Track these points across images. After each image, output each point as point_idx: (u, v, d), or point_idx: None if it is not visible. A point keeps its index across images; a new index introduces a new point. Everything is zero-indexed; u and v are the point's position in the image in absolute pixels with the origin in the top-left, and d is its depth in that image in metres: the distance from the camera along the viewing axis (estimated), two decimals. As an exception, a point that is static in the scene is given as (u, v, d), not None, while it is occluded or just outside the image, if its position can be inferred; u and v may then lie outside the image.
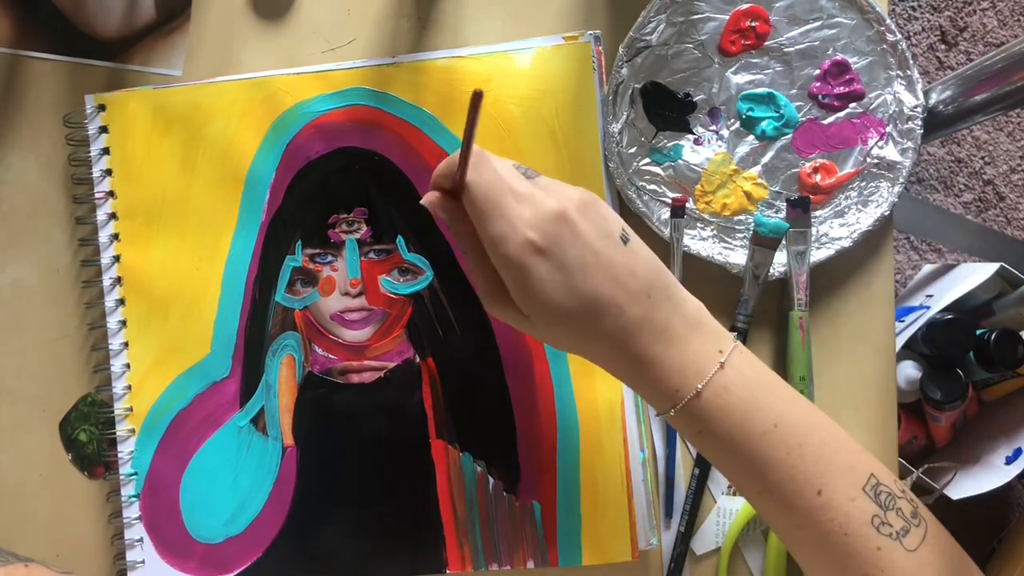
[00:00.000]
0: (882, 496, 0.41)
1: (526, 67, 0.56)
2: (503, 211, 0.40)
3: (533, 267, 0.40)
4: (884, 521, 0.40)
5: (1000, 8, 1.35)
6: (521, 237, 0.40)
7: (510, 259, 0.40)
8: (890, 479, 0.42)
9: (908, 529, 0.40)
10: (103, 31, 0.59)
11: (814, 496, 0.40)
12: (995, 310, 1.12)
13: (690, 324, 0.42)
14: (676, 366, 0.41)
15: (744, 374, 0.42)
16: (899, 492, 0.41)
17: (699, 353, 0.42)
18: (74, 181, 0.58)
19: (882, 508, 0.40)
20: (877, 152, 0.56)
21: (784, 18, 0.55)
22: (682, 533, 0.55)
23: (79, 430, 0.58)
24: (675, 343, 0.42)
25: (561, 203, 0.41)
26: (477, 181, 0.41)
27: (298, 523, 0.56)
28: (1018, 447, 1.06)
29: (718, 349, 0.42)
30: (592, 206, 0.42)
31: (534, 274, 0.40)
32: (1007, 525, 1.26)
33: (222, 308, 0.56)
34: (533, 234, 0.40)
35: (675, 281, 0.43)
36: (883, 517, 0.40)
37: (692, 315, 0.43)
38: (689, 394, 0.41)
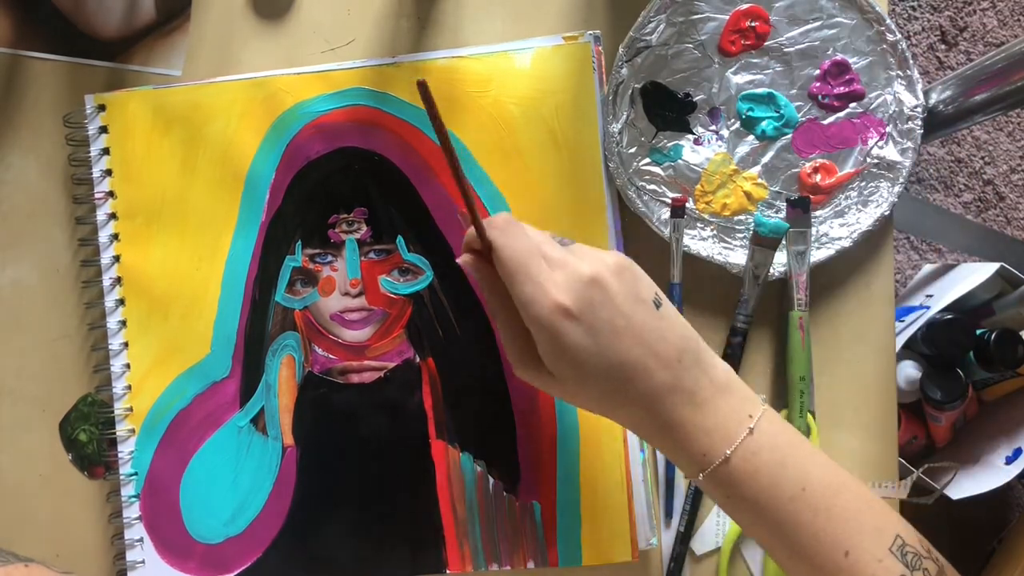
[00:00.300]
0: (908, 556, 0.41)
1: (526, 67, 0.56)
2: (533, 275, 0.41)
3: (564, 330, 0.40)
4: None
5: (1000, 8, 1.35)
6: (552, 301, 0.40)
7: (541, 321, 0.41)
8: (915, 539, 0.42)
9: None
10: (103, 31, 0.59)
11: (841, 558, 0.41)
12: (995, 310, 1.12)
13: (719, 388, 0.42)
14: (704, 430, 0.42)
15: (772, 439, 0.42)
16: (924, 552, 0.42)
17: (728, 418, 0.42)
18: (74, 181, 0.58)
19: (908, 568, 0.41)
20: (877, 152, 0.56)
21: (784, 18, 0.55)
22: (682, 533, 0.55)
23: (79, 430, 0.58)
24: (704, 407, 0.42)
25: (594, 268, 0.41)
26: (506, 244, 0.42)
27: (298, 523, 0.56)
28: (1018, 447, 1.06)
29: (747, 414, 0.42)
30: (627, 270, 0.42)
31: (565, 338, 0.41)
32: (1007, 525, 1.26)
33: (222, 308, 0.56)
34: (565, 298, 0.40)
35: (705, 346, 0.43)
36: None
37: (721, 379, 0.43)
38: (718, 459, 0.41)
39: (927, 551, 0.42)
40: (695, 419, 0.42)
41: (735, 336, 0.55)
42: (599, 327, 0.41)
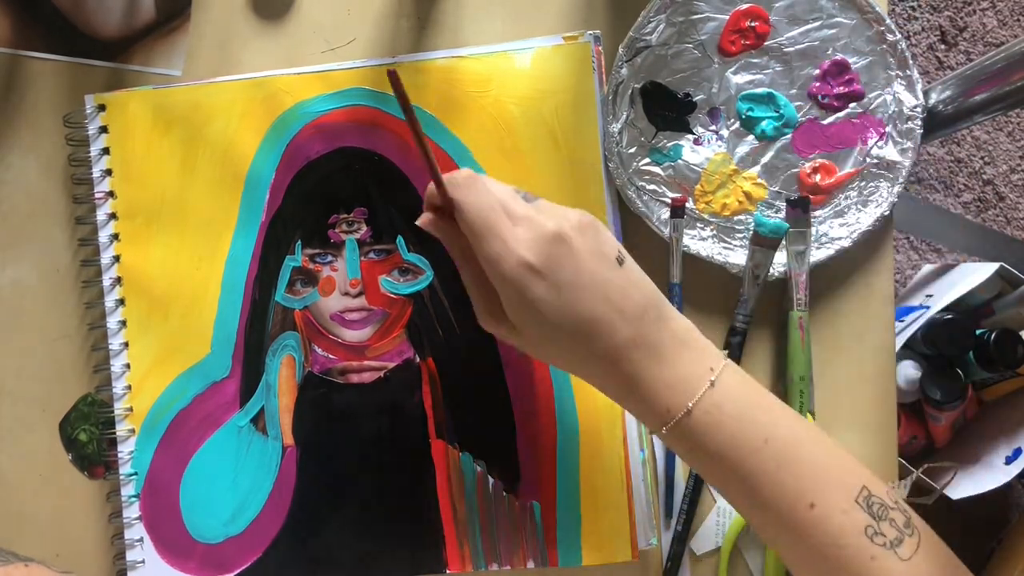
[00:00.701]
0: (875, 507, 0.41)
1: (526, 67, 0.56)
2: (498, 231, 0.41)
3: (529, 286, 0.41)
4: (877, 531, 0.41)
5: (1000, 8, 1.35)
6: (516, 257, 0.41)
7: (506, 277, 0.41)
8: (882, 490, 0.42)
9: (902, 539, 0.41)
10: (103, 31, 0.59)
11: (806, 509, 0.41)
12: (995, 310, 1.12)
13: (680, 342, 0.43)
14: (666, 384, 0.42)
15: (734, 391, 0.43)
16: (892, 503, 0.42)
17: (689, 371, 0.42)
18: (74, 181, 0.58)
19: (875, 519, 0.41)
20: (877, 152, 0.56)
21: (784, 18, 0.55)
22: (679, 533, 0.55)
23: (79, 430, 0.58)
24: (666, 362, 0.42)
25: (559, 224, 0.41)
26: (468, 201, 0.42)
27: (298, 523, 0.56)
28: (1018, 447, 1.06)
29: (708, 367, 0.43)
30: (590, 227, 0.42)
31: (529, 293, 0.41)
32: (1007, 525, 1.26)
33: (222, 308, 0.56)
34: (529, 254, 0.41)
35: (666, 301, 0.44)
36: (876, 527, 0.41)
37: (682, 334, 0.43)
38: (680, 412, 0.42)
39: (895, 502, 0.42)
40: (658, 373, 0.42)
41: (734, 336, 0.55)
42: (563, 283, 0.41)
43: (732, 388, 0.43)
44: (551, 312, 0.41)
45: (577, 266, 0.41)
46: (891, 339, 0.57)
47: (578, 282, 0.41)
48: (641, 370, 0.42)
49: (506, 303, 0.42)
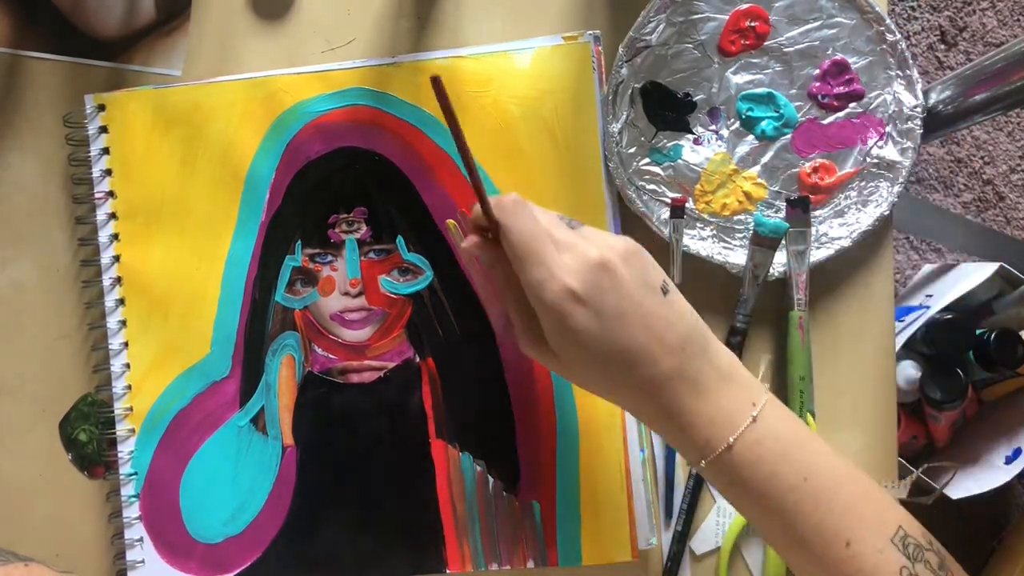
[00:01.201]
0: (910, 547, 0.41)
1: (526, 67, 0.56)
2: (542, 257, 0.41)
3: (571, 314, 0.40)
4: (912, 572, 0.40)
5: (1000, 8, 1.35)
6: (560, 284, 0.40)
7: (547, 304, 0.41)
8: (918, 531, 0.42)
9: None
10: (103, 31, 0.59)
11: (842, 548, 0.41)
12: (995, 310, 1.12)
13: (722, 376, 0.42)
14: (707, 418, 0.42)
15: (775, 428, 0.42)
16: (927, 544, 0.42)
17: (731, 406, 0.42)
18: (74, 181, 0.58)
19: (910, 559, 0.41)
20: (877, 152, 0.56)
21: (784, 18, 0.55)
22: (679, 532, 0.55)
23: (79, 430, 0.58)
24: (707, 395, 0.42)
25: (603, 252, 0.41)
26: (513, 226, 0.41)
27: (298, 523, 0.56)
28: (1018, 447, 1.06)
29: (751, 402, 0.42)
30: (635, 256, 0.42)
31: (571, 321, 0.40)
32: (1007, 525, 1.26)
33: (222, 308, 0.56)
34: (573, 282, 0.40)
35: (710, 333, 0.43)
36: (912, 569, 0.40)
37: (725, 368, 0.43)
38: (720, 447, 0.41)
39: (929, 543, 0.42)
40: (698, 407, 0.42)
41: (734, 336, 0.55)
42: (606, 311, 0.41)
43: (773, 425, 0.42)
44: (592, 341, 0.41)
45: (621, 295, 0.41)
46: (891, 339, 0.57)
47: (621, 311, 0.41)
48: (681, 402, 0.42)
49: (547, 329, 0.42)
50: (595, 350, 0.41)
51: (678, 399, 0.42)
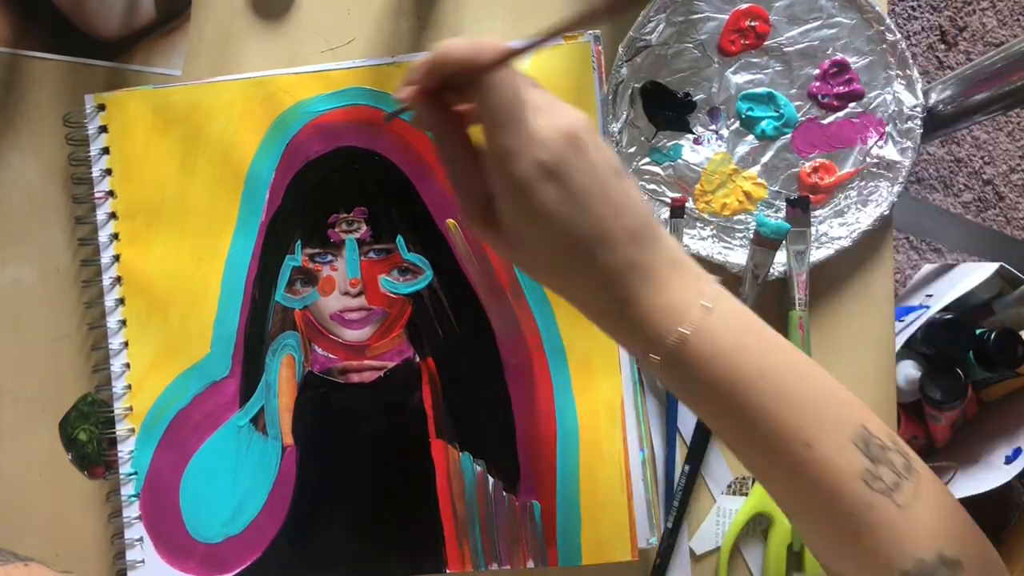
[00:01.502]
0: (872, 448, 0.39)
1: (526, 67, 0.56)
2: (521, 123, 0.36)
3: (539, 190, 0.37)
4: (875, 476, 0.39)
5: (1000, 8, 1.35)
6: (533, 155, 0.36)
7: (517, 178, 0.37)
8: (882, 430, 0.40)
9: (899, 483, 0.39)
10: (103, 31, 0.59)
11: (802, 449, 0.39)
12: (995, 310, 1.12)
13: (673, 265, 0.40)
14: (661, 308, 0.39)
15: (729, 320, 0.40)
16: (891, 443, 0.40)
17: (681, 296, 0.39)
18: (74, 181, 0.58)
19: (873, 461, 0.39)
20: (877, 152, 0.56)
21: (784, 18, 0.55)
22: (669, 530, 0.55)
23: (79, 429, 0.58)
24: (660, 285, 0.39)
25: (571, 122, 0.37)
26: (502, 81, 0.36)
27: (298, 523, 0.56)
28: (1018, 447, 1.06)
29: (702, 292, 0.40)
30: (596, 133, 0.39)
31: (538, 197, 0.37)
32: (1007, 525, 1.26)
33: (222, 308, 0.56)
34: (545, 154, 0.36)
35: (658, 221, 0.41)
36: (874, 471, 0.39)
37: (675, 256, 0.40)
38: (671, 339, 0.39)
39: (893, 442, 0.40)
40: (651, 297, 0.39)
41: (716, 280, 0.55)
42: (575, 190, 0.37)
43: (728, 315, 0.40)
44: (557, 222, 0.37)
45: (587, 173, 0.37)
46: (891, 339, 0.57)
47: (587, 191, 0.37)
48: (635, 292, 0.39)
49: (508, 205, 0.38)
50: (557, 232, 0.37)
51: (632, 289, 0.39)
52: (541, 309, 0.55)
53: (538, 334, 0.55)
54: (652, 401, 0.56)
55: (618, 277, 0.39)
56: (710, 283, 0.40)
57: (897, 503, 0.39)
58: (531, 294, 0.55)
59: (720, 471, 0.56)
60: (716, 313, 0.39)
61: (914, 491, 0.39)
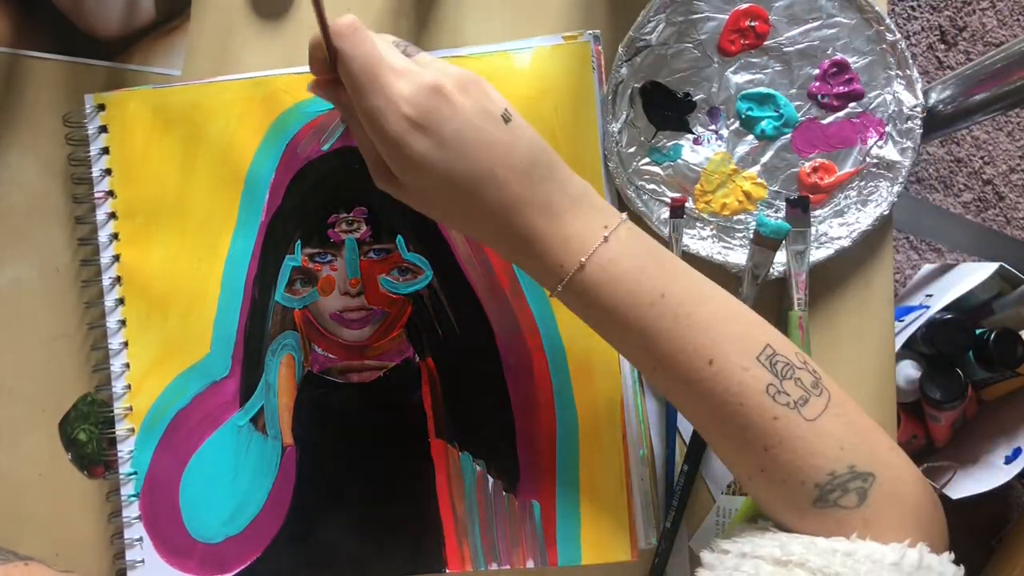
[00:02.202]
0: (778, 366, 0.40)
1: (525, 66, 0.56)
2: (380, 86, 0.40)
3: (410, 142, 0.40)
4: (780, 390, 0.40)
5: (999, 8, 1.36)
6: (397, 112, 0.40)
7: (387, 135, 0.40)
8: (790, 351, 0.41)
9: (807, 398, 0.40)
10: (102, 30, 0.59)
11: (706, 366, 0.40)
12: (995, 310, 1.12)
13: (573, 201, 0.42)
14: (560, 239, 0.42)
15: (631, 247, 0.42)
16: (799, 363, 0.41)
17: (584, 228, 0.42)
18: (73, 180, 0.58)
19: (778, 377, 0.40)
20: (876, 152, 0.56)
21: (783, 18, 0.55)
22: (667, 529, 0.55)
23: (79, 429, 0.58)
24: (559, 219, 0.42)
25: (437, 78, 0.41)
26: (352, 54, 0.41)
27: (297, 522, 0.56)
28: (1017, 447, 1.06)
29: (603, 224, 0.42)
30: (473, 84, 0.42)
31: (411, 149, 0.40)
32: (1007, 525, 1.26)
33: (222, 307, 0.56)
34: (409, 109, 0.40)
35: (560, 161, 0.43)
36: (779, 386, 0.40)
37: (576, 193, 0.43)
38: (573, 268, 0.41)
39: (803, 363, 0.41)
40: (550, 229, 0.42)
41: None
42: (446, 138, 0.40)
43: (627, 244, 0.42)
44: (434, 168, 0.41)
45: (458, 121, 0.41)
46: (891, 339, 0.57)
47: (461, 137, 0.41)
48: (533, 226, 0.42)
49: (390, 160, 0.42)
50: (438, 176, 0.41)
51: (530, 222, 0.42)
52: (541, 309, 0.55)
53: (538, 334, 0.55)
54: (651, 401, 0.56)
55: (513, 213, 0.42)
56: (613, 216, 0.43)
57: (805, 416, 0.40)
58: (531, 294, 0.55)
59: (720, 471, 0.56)
60: (616, 241, 0.42)
61: (824, 406, 0.40)
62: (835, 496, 0.40)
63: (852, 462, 0.40)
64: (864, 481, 0.40)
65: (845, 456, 0.40)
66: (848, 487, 0.40)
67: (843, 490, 0.40)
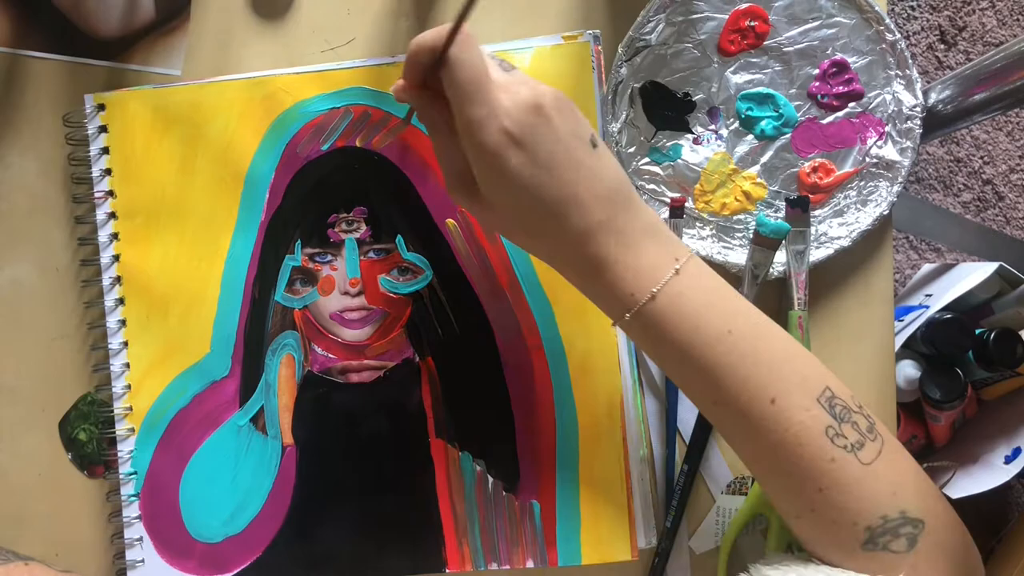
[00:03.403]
0: (837, 408, 0.41)
1: (525, 66, 0.56)
2: (485, 96, 0.40)
3: (507, 157, 0.40)
4: (838, 433, 0.40)
5: (999, 8, 1.36)
6: (498, 124, 0.40)
7: (485, 146, 0.40)
8: (846, 394, 0.42)
9: (863, 442, 0.40)
10: (102, 30, 0.59)
11: (767, 404, 0.40)
12: (994, 309, 1.12)
13: (647, 231, 0.43)
14: (632, 270, 0.42)
15: (699, 281, 0.42)
16: (855, 407, 0.41)
17: (655, 259, 0.42)
18: (73, 180, 0.58)
19: (837, 420, 0.40)
20: (876, 151, 0.56)
21: (783, 18, 0.55)
22: (667, 529, 0.55)
23: (79, 429, 0.58)
24: (632, 248, 0.42)
25: (537, 96, 0.41)
26: (463, 59, 0.40)
27: (297, 522, 0.56)
28: (1017, 446, 1.06)
29: (674, 256, 0.42)
30: (567, 105, 0.42)
31: (506, 164, 0.40)
32: (1006, 524, 1.26)
33: (222, 307, 0.56)
34: (510, 123, 0.40)
35: (635, 192, 0.44)
36: (837, 429, 0.40)
37: (650, 223, 0.43)
38: (644, 298, 0.41)
39: (859, 407, 0.42)
40: (624, 258, 0.42)
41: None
42: (540, 157, 0.40)
43: (696, 278, 0.42)
44: (525, 186, 0.40)
45: (553, 142, 0.40)
46: (890, 339, 0.57)
47: (553, 159, 0.41)
48: (608, 254, 0.42)
49: (481, 173, 0.41)
50: (527, 195, 0.41)
51: (604, 250, 0.42)
52: (541, 309, 0.55)
53: (538, 334, 0.55)
54: (651, 401, 0.56)
55: (590, 238, 0.42)
56: (683, 249, 0.43)
57: (861, 460, 0.40)
58: (531, 294, 0.55)
59: (719, 471, 0.56)
60: (686, 275, 0.42)
61: (878, 451, 0.41)
62: (885, 540, 0.40)
63: (904, 507, 0.40)
64: (915, 527, 0.40)
65: (897, 501, 0.40)
66: (899, 532, 0.40)
67: (894, 535, 0.40)
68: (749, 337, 0.41)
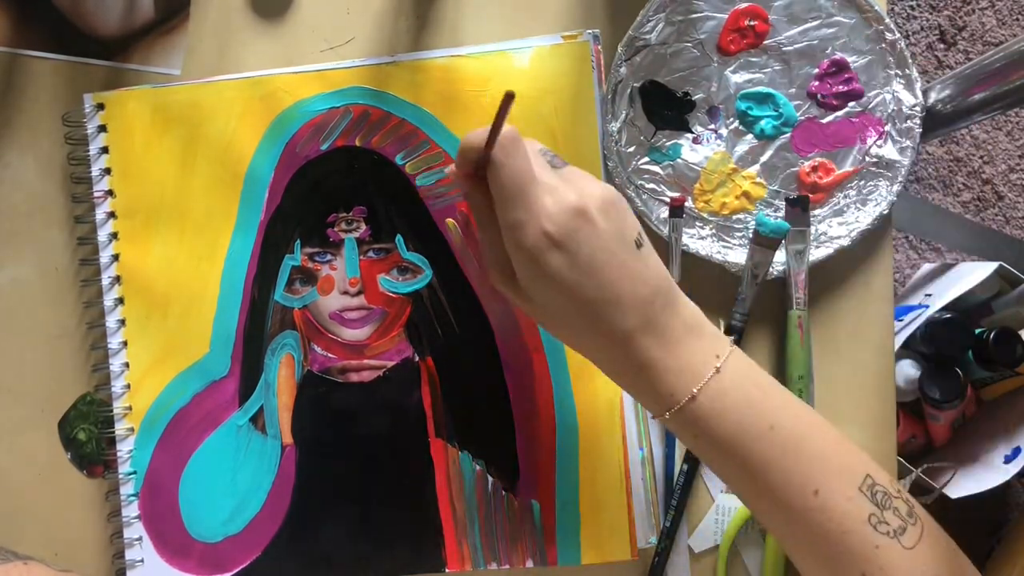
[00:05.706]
0: (878, 495, 0.41)
1: (525, 66, 0.56)
2: (526, 199, 0.40)
3: (546, 258, 0.40)
4: (881, 520, 0.41)
5: (999, 7, 1.36)
6: (538, 228, 0.40)
7: (524, 247, 0.41)
8: (886, 479, 0.42)
9: (905, 528, 0.41)
10: (102, 30, 0.58)
11: (811, 496, 0.41)
12: (994, 309, 1.12)
13: (688, 329, 0.43)
14: (673, 370, 0.42)
15: (740, 378, 0.43)
16: (895, 492, 0.42)
17: (696, 357, 0.42)
18: (73, 180, 0.58)
19: (879, 507, 0.41)
20: (876, 151, 0.56)
21: (783, 17, 0.55)
22: (667, 528, 0.55)
23: (78, 429, 0.58)
24: (673, 348, 0.42)
25: (582, 199, 0.41)
26: (505, 164, 0.41)
27: (297, 522, 0.56)
28: (1017, 446, 1.06)
29: (715, 354, 0.43)
30: (613, 206, 0.42)
31: (546, 265, 0.41)
32: (1006, 524, 1.26)
33: (221, 307, 0.56)
34: (551, 226, 0.40)
35: (676, 287, 0.44)
36: (880, 516, 0.41)
37: (691, 320, 0.43)
38: (684, 397, 0.42)
39: (898, 491, 0.42)
40: (664, 359, 0.42)
41: (731, 335, 0.55)
42: (581, 260, 0.41)
43: (739, 375, 0.43)
44: (564, 287, 0.41)
45: (596, 245, 0.41)
46: (890, 338, 0.57)
47: (594, 261, 0.41)
48: (648, 354, 0.42)
49: (521, 272, 0.42)
50: (566, 296, 0.41)
51: (645, 351, 0.42)
52: (540, 308, 0.55)
53: (538, 334, 0.55)
54: (651, 400, 0.56)
55: (631, 340, 0.42)
56: (723, 344, 0.43)
57: (904, 545, 0.41)
58: (530, 293, 0.55)
59: (719, 470, 0.56)
60: (727, 372, 0.42)
61: (919, 535, 0.41)
62: None
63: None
64: None
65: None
66: None
67: None
68: (791, 432, 0.42)
